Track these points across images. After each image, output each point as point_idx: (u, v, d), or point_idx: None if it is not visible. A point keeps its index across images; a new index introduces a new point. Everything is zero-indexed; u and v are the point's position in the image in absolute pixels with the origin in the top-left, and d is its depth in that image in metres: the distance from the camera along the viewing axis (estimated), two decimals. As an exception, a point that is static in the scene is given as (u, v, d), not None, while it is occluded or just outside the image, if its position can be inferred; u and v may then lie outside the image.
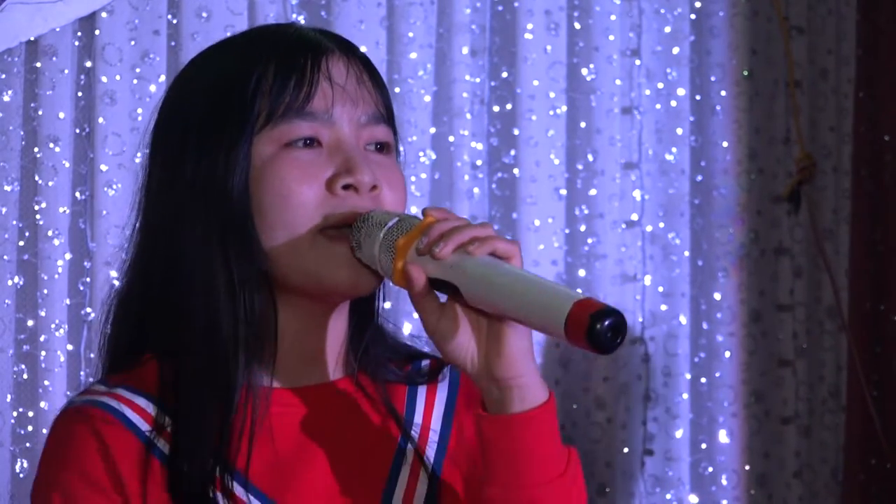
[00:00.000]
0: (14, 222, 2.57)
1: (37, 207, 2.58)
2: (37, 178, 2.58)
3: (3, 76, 2.56)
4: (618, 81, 3.27)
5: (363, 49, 2.85)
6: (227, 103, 1.50)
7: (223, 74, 1.53)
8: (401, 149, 1.63)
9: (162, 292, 1.52)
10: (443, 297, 1.45)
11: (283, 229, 1.49)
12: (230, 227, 1.49)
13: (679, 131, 3.37)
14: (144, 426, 1.48)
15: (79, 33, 2.65)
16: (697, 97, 3.44)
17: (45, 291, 2.57)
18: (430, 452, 1.58)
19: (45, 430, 2.55)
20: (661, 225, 3.36)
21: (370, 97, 1.54)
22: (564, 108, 3.20)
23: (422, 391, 1.63)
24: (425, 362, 1.66)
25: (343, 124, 1.52)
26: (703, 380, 3.43)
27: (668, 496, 3.34)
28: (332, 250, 1.48)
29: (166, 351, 1.51)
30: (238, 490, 1.47)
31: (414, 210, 1.63)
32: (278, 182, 1.48)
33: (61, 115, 2.59)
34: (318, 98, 1.50)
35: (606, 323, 1.33)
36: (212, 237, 1.49)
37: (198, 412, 1.47)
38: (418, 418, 1.60)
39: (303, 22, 2.87)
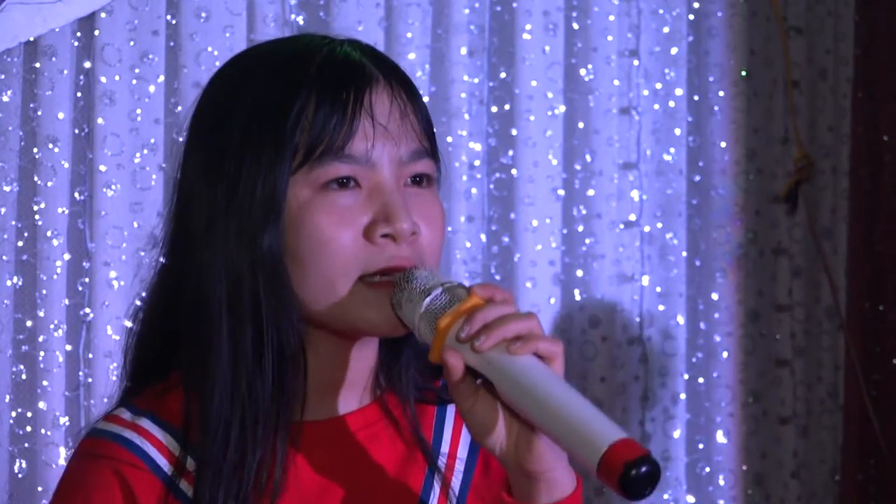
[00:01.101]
0: (13, 222, 2.58)
1: (36, 208, 2.59)
2: (36, 178, 2.59)
3: (3, 76, 2.57)
4: (616, 82, 3.27)
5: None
6: (266, 131, 1.46)
7: (265, 95, 1.47)
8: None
9: (189, 316, 1.49)
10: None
11: (319, 276, 1.45)
12: (260, 265, 1.45)
13: (677, 131, 3.37)
14: (167, 466, 1.46)
15: (78, 34, 2.65)
16: (696, 97, 3.44)
17: (44, 292, 2.58)
18: (456, 484, 1.57)
19: (43, 431, 2.56)
20: (659, 225, 3.36)
21: (413, 132, 1.50)
22: (563, 109, 3.20)
23: (450, 412, 1.61)
24: None
25: (383, 165, 1.47)
26: (701, 380, 3.44)
27: (666, 496, 3.35)
28: (370, 298, 1.46)
29: (192, 380, 1.48)
30: None
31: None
32: (315, 229, 1.44)
33: (60, 115, 2.59)
34: (359, 139, 1.46)
35: (642, 471, 1.30)
36: (242, 271, 1.46)
37: (221, 454, 1.45)
38: (445, 446, 1.59)
39: (301, 23, 2.88)
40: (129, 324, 1.60)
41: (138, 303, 1.59)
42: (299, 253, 1.45)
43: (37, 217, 2.59)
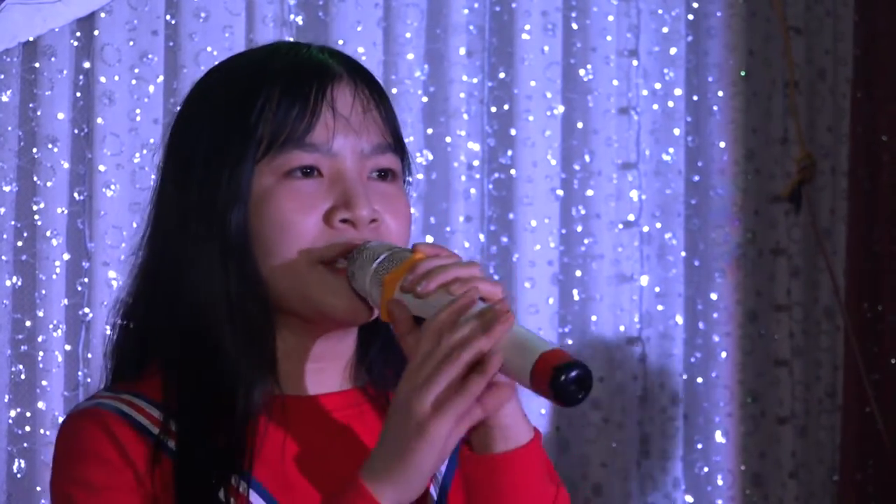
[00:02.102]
0: (12, 222, 2.58)
1: (35, 208, 2.59)
2: (35, 178, 2.59)
3: (2, 76, 2.57)
4: (615, 82, 3.28)
5: (360, 50, 2.88)
6: (231, 127, 1.52)
7: (231, 95, 1.54)
8: (409, 179, 1.63)
9: (166, 304, 1.55)
10: None
11: (281, 258, 1.51)
12: (229, 252, 1.51)
13: (676, 132, 3.37)
14: (152, 427, 1.50)
15: (77, 34, 2.65)
16: (694, 98, 3.45)
17: (43, 292, 2.58)
18: (441, 466, 1.58)
19: (42, 430, 2.56)
20: (658, 225, 3.36)
21: (375, 127, 1.55)
22: (561, 109, 3.21)
23: None
24: None
25: (345, 156, 1.52)
26: (700, 380, 3.44)
27: (664, 496, 3.35)
28: (330, 280, 1.50)
29: (170, 361, 1.54)
30: (244, 489, 1.48)
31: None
32: (277, 213, 1.50)
33: (60, 115, 2.59)
34: (320, 129, 1.51)
35: (571, 375, 1.33)
36: (213, 259, 1.52)
37: (201, 419, 1.50)
38: None
39: (300, 23, 2.88)
40: (108, 328, 1.64)
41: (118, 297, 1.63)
42: (262, 236, 1.51)
43: (36, 217, 2.59)
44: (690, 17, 3.43)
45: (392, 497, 1.40)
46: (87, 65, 2.66)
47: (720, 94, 3.45)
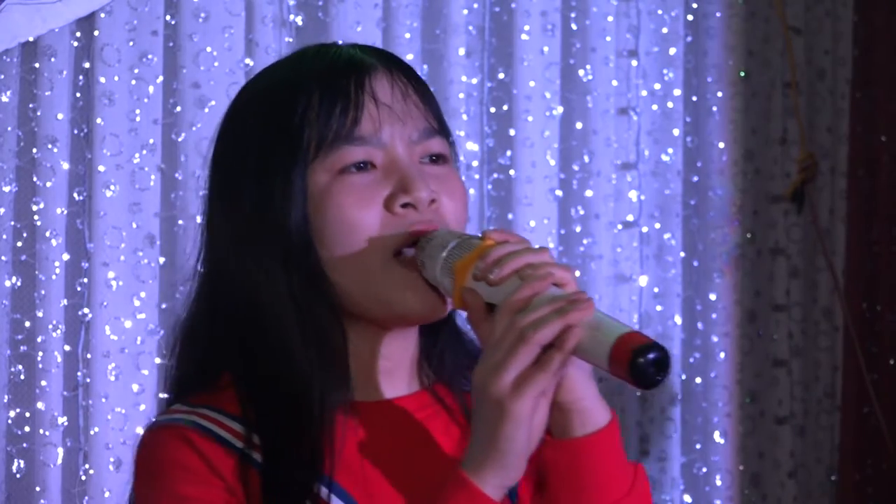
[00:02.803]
0: (11, 223, 2.58)
1: (35, 208, 2.59)
2: (35, 178, 2.59)
3: (2, 77, 2.57)
4: (614, 82, 3.28)
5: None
6: (277, 136, 1.51)
7: (271, 106, 1.53)
8: (462, 159, 1.62)
9: (232, 317, 1.53)
10: None
11: (350, 257, 1.49)
12: (292, 258, 1.50)
13: (675, 132, 3.38)
14: (236, 441, 1.49)
15: (77, 34, 2.65)
16: (694, 98, 3.45)
17: (43, 292, 2.58)
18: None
19: (41, 431, 2.56)
20: (657, 226, 3.36)
21: (418, 112, 1.54)
22: (561, 109, 3.21)
23: None
24: None
25: (395, 144, 1.51)
26: (698, 380, 3.44)
27: (663, 496, 3.35)
28: (402, 274, 1.49)
29: (242, 375, 1.52)
30: (326, 495, 1.47)
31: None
32: (336, 210, 1.49)
33: (59, 115, 2.60)
34: (366, 121, 1.50)
35: (650, 357, 1.33)
36: (275, 265, 1.50)
37: (282, 429, 1.48)
38: None
39: (300, 23, 2.88)
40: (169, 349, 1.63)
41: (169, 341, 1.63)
42: (325, 236, 1.49)
43: (35, 217, 2.59)
44: (690, 17, 3.43)
45: (494, 482, 1.40)
46: (87, 65, 2.66)
47: (719, 94, 3.46)
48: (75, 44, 2.65)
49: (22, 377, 2.59)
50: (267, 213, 1.50)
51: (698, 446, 3.44)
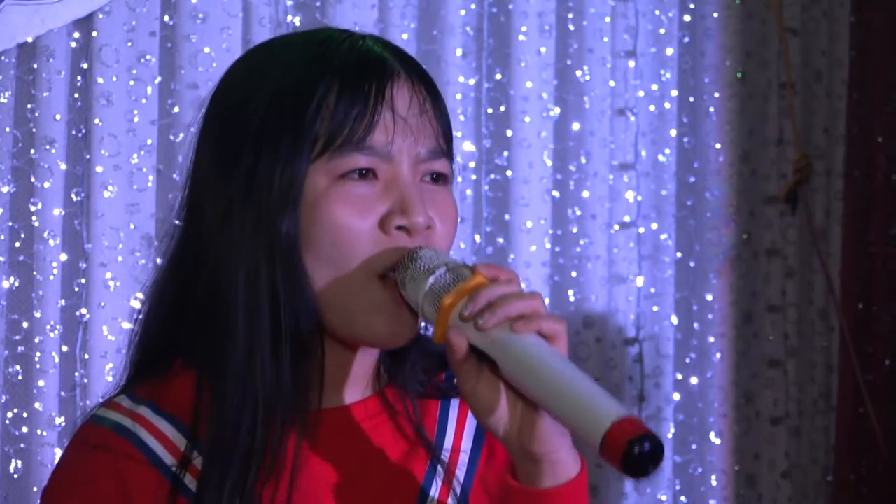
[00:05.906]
0: (9, 223, 2.59)
1: (32, 209, 2.59)
2: (32, 179, 2.59)
3: (0, 77, 2.57)
4: (611, 83, 3.28)
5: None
6: (286, 121, 1.46)
7: (285, 83, 1.47)
8: (459, 159, 1.60)
9: (202, 299, 1.48)
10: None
11: (333, 266, 1.45)
12: (277, 258, 1.45)
13: (672, 133, 3.38)
14: (169, 459, 1.46)
15: (75, 35, 2.66)
16: (690, 99, 3.45)
17: (40, 292, 2.58)
18: (460, 474, 1.57)
19: (39, 431, 2.57)
20: (654, 226, 3.37)
21: (431, 129, 1.50)
22: (557, 110, 3.21)
23: (454, 406, 1.61)
24: None
25: (402, 160, 1.47)
26: (694, 381, 3.45)
27: (659, 496, 3.36)
28: (381, 297, 1.46)
29: (204, 367, 1.48)
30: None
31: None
32: (330, 217, 1.45)
33: (57, 116, 2.60)
34: (380, 131, 1.46)
35: (646, 449, 1.28)
36: (259, 262, 1.45)
37: (232, 441, 1.44)
38: (449, 441, 1.59)
39: (297, 24, 2.89)
40: (137, 304, 1.58)
41: (139, 299, 1.59)
42: (315, 241, 1.45)
43: (33, 218, 2.59)
44: (687, 18, 3.43)
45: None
46: (85, 66, 2.67)
47: (716, 95, 3.46)
48: (73, 44, 2.66)
49: (19, 378, 2.59)
50: (260, 200, 1.45)
51: (694, 447, 3.45)
